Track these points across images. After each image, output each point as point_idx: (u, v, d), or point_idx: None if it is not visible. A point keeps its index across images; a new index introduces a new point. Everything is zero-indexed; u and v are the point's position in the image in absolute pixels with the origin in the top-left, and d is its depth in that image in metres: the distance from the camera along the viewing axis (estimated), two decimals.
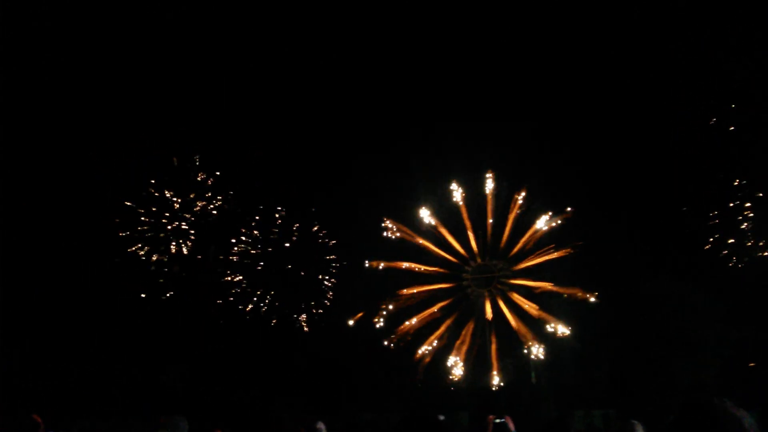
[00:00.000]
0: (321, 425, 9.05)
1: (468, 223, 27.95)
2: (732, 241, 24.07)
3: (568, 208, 26.51)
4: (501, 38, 26.40)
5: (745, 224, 23.99)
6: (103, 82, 26.30)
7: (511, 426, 5.99)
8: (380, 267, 27.46)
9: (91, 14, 24.73)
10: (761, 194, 23.48)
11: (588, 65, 25.72)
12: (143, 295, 26.59)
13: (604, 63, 25.41)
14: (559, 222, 26.63)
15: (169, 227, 28.03)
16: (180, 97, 26.65)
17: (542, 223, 26.95)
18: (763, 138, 23.20)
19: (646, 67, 24.72)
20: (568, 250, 26.10)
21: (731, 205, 23.92)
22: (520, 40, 26.18)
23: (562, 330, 25.74)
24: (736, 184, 23.89)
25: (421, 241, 27.90)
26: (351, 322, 26.63)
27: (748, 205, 23.83)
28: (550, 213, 26.76)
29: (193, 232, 28.18)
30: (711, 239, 24.22)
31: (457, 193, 27.87)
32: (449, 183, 27.89)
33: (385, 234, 27.62)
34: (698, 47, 23.21)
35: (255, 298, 27.43)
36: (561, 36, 25.73)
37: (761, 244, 23.70)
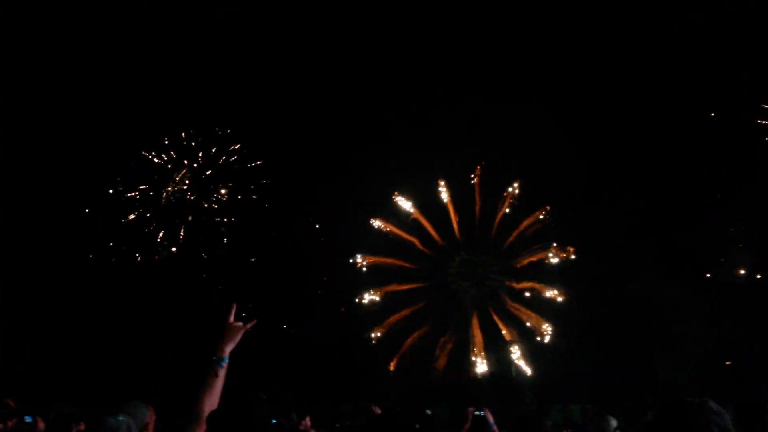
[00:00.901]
0: (294, 415, 9.06)
1: (454, 218, 28.00)
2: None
3: (549, 207, 26.68)
4: (495, 28, 26.17)
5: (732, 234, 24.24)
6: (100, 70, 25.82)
7: (490, 419, 6.03)
8: (364, 263, 27.41)
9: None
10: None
11: (585, 59, 25.65)
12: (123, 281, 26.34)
13: (601, 57, 25.36)
14: (546, 219, 26.77)
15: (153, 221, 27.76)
16: (169, 87, 26.30)
17: (529, 220, 27.10)
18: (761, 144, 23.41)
19: (644, 65, 24.74)
20: (555, 252, 26.27)
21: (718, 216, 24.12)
22: (514, 30, 25.98)
23: (543, 326, 25.98)
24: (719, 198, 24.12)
25: (405, 236, 27.91)
26: (332, 315, 26.63)
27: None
28: (541, 212, 26.89)
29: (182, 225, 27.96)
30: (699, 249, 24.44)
31: (444, 188, 27.92)
32: (436, 176, 27.92)
33: (370, 229, 27.60)
34: (698, 47, 23.24)
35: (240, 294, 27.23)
36: (557, 26, 25.60)
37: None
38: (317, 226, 28.05)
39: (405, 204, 27.79)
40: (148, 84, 26.13)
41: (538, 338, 26.18)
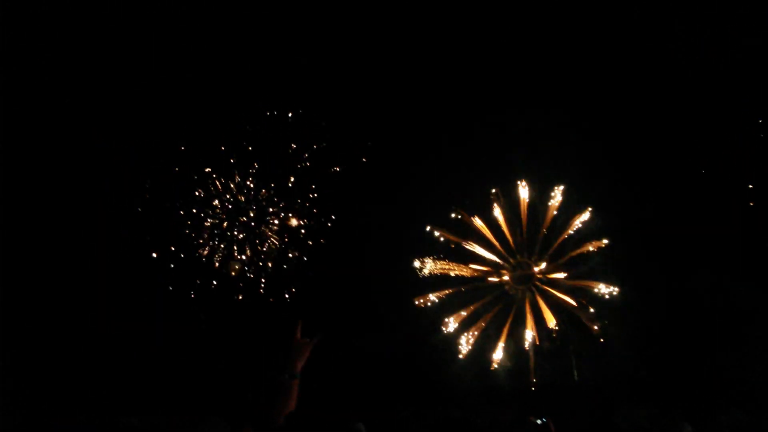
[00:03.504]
0: (360, 426, 9.04)
1: (504, 224, 27.90)
2: None
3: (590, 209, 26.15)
4: (530, 37, 25.95)
5: None
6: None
7: (552, 428, 5.91)
8: (424, 269, 27.60)
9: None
10: None
11: (623, 58, 25.16)
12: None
13: (642, 54, 24.83)
14: (594, 218, 26.32)
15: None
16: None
17: (578, 220, 26.73)
18: None
19: (688, 58, 24.07)
20: (601, 243, 25.84)
21: None
22: (549, 38, 25.70)
23: (605, 327, 25.42)
24: None
25: (460, 242, 27.93)
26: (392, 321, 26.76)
27: None
28: (588, 211, 26.46)
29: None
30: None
31: (496, 195, 27.89)
32: (486, 187, 27.88)
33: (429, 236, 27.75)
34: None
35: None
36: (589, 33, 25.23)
37: None
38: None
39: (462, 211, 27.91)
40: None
41: (600, 340, 25.62)
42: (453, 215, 27.84)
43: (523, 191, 27.63)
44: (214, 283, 27.47)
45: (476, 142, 26.67)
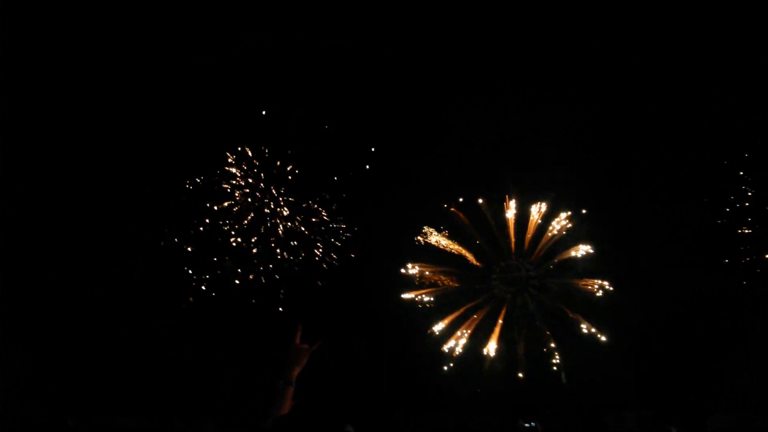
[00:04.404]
0: (350, 428, 8.98)
1: (495, 228, 27.94)
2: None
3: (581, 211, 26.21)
4: (524, 40, 26.02)
5: None
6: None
7: (540, 429, 5.87)
8: (414, 272, 27.59)
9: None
10: None
11: (616, 64, 25.29)
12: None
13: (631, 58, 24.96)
14: (583, 221, 26.39)
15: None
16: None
17: (567, 221, 26.78)
18: None
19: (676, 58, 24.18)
20: (590, 247, 25.90)
21: None
22: (542, 41, 25.78)
23: (593, 329, 25.44)
24: None
25: (449, 244, 27.93)
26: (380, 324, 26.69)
27: None
28: (578, 215, 26.53)
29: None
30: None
31: (482, 200, 27.94)
32: (473, 191, 27.93)
33: (420, 240, 27.74)
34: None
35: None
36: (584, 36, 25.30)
37: None
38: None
39: (452, 215, 27.94)
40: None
41: (588, 342, 25.63)
42: (445, 212, 27.87)
43: (514, 194, 27.73)
44: (214, 292, 27.41)
45: (467, 147, 26.74)
